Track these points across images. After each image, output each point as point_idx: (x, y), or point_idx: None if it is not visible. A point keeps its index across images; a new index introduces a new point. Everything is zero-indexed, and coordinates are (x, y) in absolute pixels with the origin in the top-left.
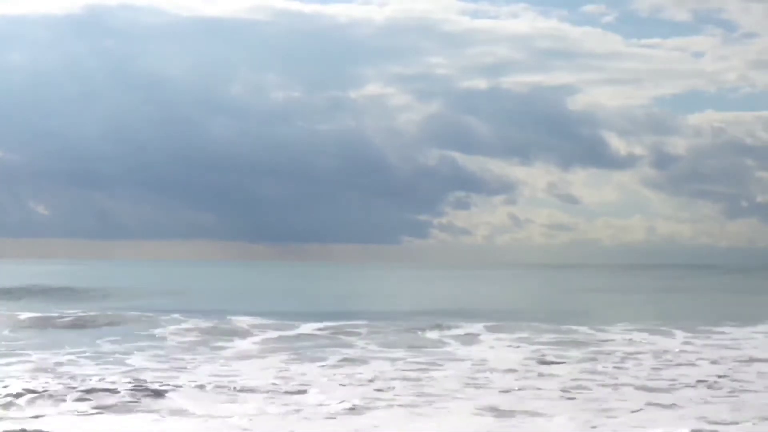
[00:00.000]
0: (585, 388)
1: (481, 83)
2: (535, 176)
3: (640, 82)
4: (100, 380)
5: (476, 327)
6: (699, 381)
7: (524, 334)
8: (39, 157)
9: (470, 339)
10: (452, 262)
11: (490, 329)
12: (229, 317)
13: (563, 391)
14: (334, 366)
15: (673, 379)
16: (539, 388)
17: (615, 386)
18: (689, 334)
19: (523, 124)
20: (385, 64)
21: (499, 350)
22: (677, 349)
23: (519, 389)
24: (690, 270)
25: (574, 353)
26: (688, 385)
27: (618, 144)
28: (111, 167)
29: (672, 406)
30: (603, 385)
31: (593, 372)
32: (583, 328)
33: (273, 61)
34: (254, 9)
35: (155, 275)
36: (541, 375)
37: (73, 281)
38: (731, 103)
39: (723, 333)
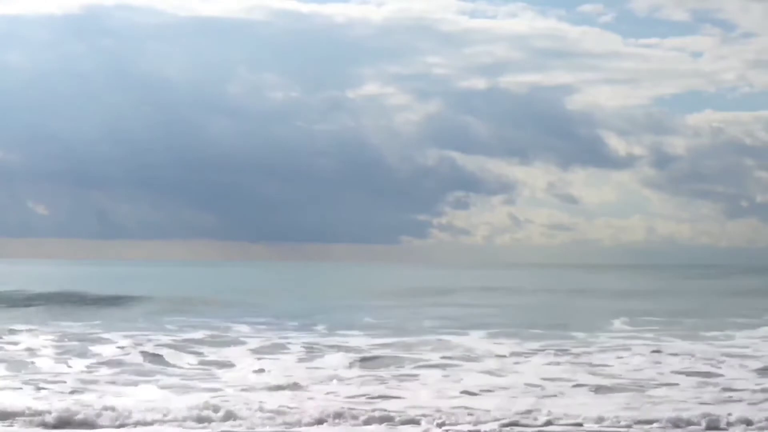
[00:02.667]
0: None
1: (479, 83)
2: (534, 176)
3: (639, 81)
4: None
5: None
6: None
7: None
8: (38, 156)
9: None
10: (452, 261)
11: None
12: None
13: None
14: None
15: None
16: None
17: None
18: (681, 337)
19: (522, 124)
20: (383, 63)
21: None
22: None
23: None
24: (690, 270)
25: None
26: (660, 384)
27: (617, 144)
28: (110, 167)
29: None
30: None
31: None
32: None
33: (271, 61)
34: (252, 9)
35: (181, 277)
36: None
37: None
38: (730, 103)
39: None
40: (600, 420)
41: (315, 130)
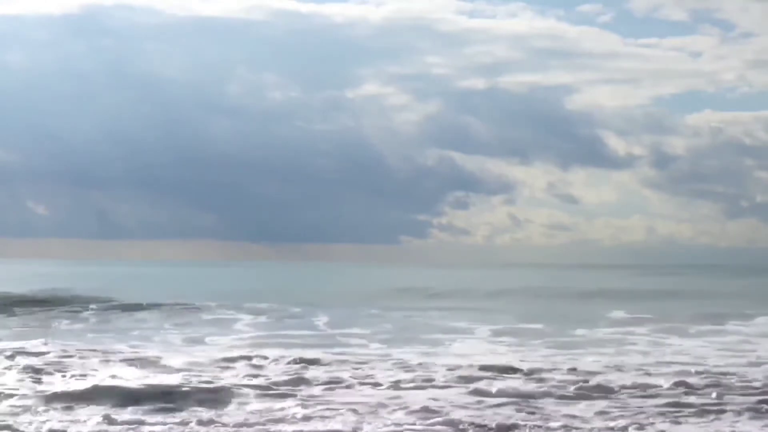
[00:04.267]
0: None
1: (479, 83)
2: (534, 176)
3: (638, 81)
4: None
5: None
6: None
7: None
8: (37, 156)
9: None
10: (452, 262)
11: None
12: None
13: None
14: None
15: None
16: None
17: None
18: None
19: (522, 123)
20: (382, 63)
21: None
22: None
23: None
24: (689, 270)
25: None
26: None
27: (617, 144)
28: (110, 167)
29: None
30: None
31: None
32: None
33: (270, 60)
34: (251, 9)
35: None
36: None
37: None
38: (729, 103)
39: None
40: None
41: (315, 130)
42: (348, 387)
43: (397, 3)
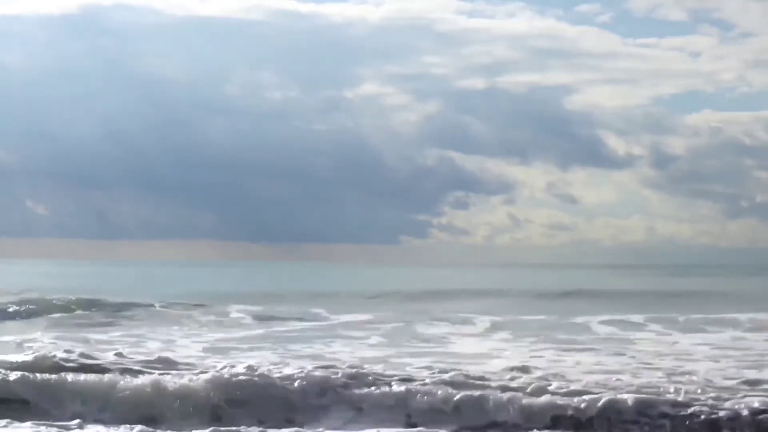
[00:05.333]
0: None
1: (478, 83)
2: (534, 176)
3: (638, 81)
4: None
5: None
6: None
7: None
8: (36, 157)
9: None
10: (452, 262)
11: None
12: None
13: None
14: None
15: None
16: None
17: None
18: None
19: (521, 123)
20: (381, 63)
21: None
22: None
23: None
24: (689, 270)
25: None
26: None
27: (616, 144)
28: (110, 167)
29: None
30: None
31: None
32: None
33: (269, 60)
34: (250, 8)
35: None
36: None
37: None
38: (729, 102)
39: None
40: None
41: (314, 130)
42: None
43: (396, 3)
